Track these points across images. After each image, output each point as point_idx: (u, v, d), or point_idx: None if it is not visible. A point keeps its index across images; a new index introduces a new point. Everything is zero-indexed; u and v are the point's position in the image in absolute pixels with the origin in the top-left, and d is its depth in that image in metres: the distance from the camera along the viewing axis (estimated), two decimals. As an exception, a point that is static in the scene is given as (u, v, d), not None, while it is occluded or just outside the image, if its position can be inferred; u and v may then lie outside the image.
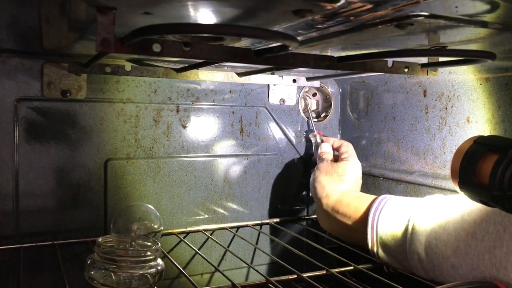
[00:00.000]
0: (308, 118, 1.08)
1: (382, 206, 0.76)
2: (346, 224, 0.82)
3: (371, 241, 0.75)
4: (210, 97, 0.98)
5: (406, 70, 0.70)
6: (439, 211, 0.69)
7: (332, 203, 0.85)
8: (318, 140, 1.01)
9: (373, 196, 0.80)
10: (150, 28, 0.41)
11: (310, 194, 0.95)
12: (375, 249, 0.75)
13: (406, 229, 0.71)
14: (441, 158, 0.85)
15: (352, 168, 0.91)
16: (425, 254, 0.68)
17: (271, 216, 1.06)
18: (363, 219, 0.78)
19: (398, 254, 0.72)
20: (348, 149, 0.96)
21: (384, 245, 0.74)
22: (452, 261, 0.64)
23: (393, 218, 0.73)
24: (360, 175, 0.93)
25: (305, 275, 0.72)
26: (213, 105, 0.99)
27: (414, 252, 0.69)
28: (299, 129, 1.08)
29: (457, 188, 0.55)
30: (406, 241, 0.70)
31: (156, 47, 0.47)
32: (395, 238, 0.72)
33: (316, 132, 1.03)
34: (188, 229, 0.95)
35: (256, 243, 1.04)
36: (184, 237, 0.92)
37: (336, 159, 0.95)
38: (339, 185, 0.88)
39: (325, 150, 0.98)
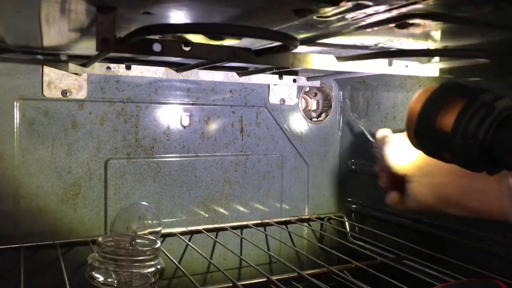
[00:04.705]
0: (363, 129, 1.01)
1: None
2: None
3: None
4: (210, 96, 0.98)
5: (406, 69, 0.70)
6: None
7: None
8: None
9: None
10: (150, 28, 0.41)
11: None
12: None
13: None
14: (441, 157, 0.85)
15: None
16: None
17: (271, 215, 1.06)
18: None
19: None
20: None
21: None
22: None
23: None
24: None
25: (305, 273, 0.73)
26: (213, 104, 0.99)
27: None
28: (299, 129, 1.08)
29: (409, 136, 0.48)
30: None
31: (156, 47, 0.47)
32: None
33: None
34: (189, 228, 0.95)
35: (257, 243, 1.04)
36: (184, 237, 0.93)
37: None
38: None
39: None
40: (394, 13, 0.43)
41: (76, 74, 0.84)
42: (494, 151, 0.41)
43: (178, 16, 0.45)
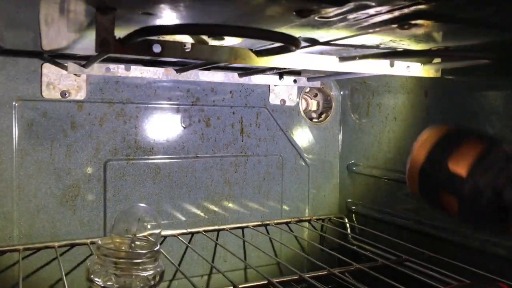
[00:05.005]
0: None
1: None
2: None
3: None
4: (210, 97, 0.98)
5: (407, 70, 0.70)
6: None
7: None
8: None
9: None
10: (149, 29, 0.40)
11: None
12: None
13: None
14: (442, 158, 0.84)
15: None
16: None
17: (271, 216, 1.05)
18: None
19: None
20: None
21: None
22: None
23: None
24: None
25: (306, 275, 0.72)
26: (213, 105, 0.98)
27: None
28: (299, 130, 1.08)
29: (411, 175, 0.45)
30: None
31: (156, 48, 0.47)
32: None
33: None
34: (188, 230, 0.95)
35: (257, 244, 1.03)
36: (184, 239, 0.92)
37: None
38: None
39: None
40: (396, 13, 0.42)
41: (75, 75, 0.84)
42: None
43: (178, 16, 0.45)
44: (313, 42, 0.56)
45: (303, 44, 0.57)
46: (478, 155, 0.40)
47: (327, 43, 0.57)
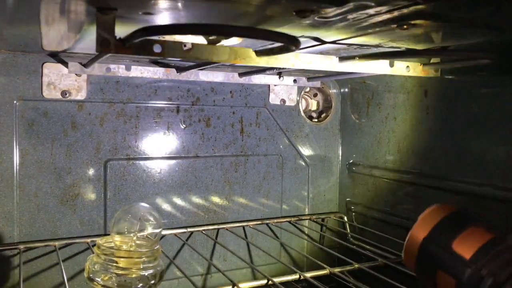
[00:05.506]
0: None
1: None
2: None
3: None
4: (211, 97, 0.98)
5: (407, 70, 0.70)
6: None
7: None
8: None
9: None
10: (151, 29, 0.40)
11: None
12: None
13: None
14: (442, 159, 0.85)
15: None
16: None
17: (271, 216, 1.05)
18: None
19: None
20: None
21: None
22: None
23: None
24: None
25: (307, 275, 0.72)
26: (214, 105, 0.98)
27: None
28: (299, 130, 1.08)
29: (410, 247, 0.45)
30: None
31: (157, 48, 0.47)
32: None
33: None
34: (188, 229, 0.95)
35: (257, 243, 1.03)
36: (184, 238, 0.92)
37: None
38: None
39: None
40: (396, 14, 0.43)
41: (76, 74, 0.84)
42: None
43: (178, 16, 0.45)
44: (313, 42, 0.56)
45: (304, 44, 0.57)
46: (486, 242, 0.40)
47: (326, 43, 0.57)
